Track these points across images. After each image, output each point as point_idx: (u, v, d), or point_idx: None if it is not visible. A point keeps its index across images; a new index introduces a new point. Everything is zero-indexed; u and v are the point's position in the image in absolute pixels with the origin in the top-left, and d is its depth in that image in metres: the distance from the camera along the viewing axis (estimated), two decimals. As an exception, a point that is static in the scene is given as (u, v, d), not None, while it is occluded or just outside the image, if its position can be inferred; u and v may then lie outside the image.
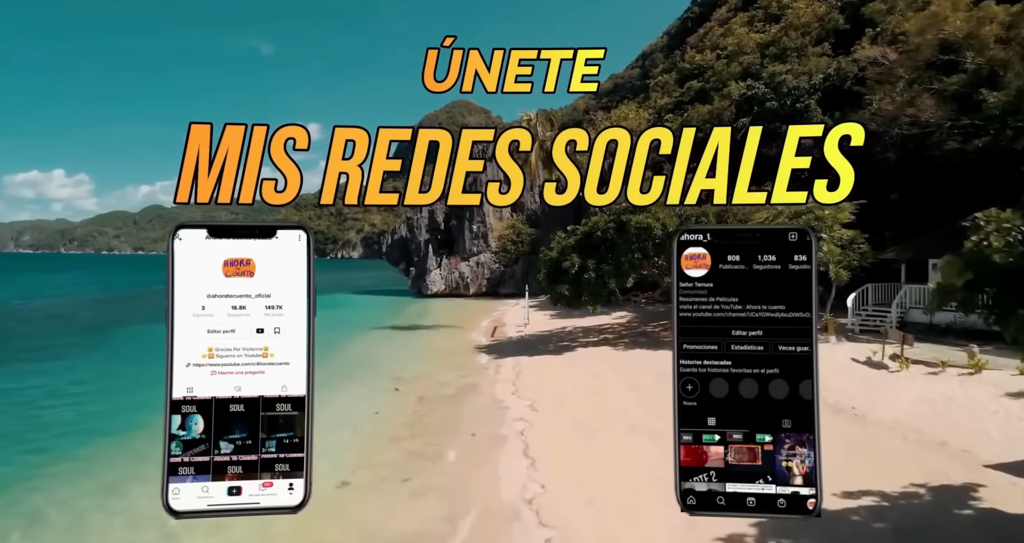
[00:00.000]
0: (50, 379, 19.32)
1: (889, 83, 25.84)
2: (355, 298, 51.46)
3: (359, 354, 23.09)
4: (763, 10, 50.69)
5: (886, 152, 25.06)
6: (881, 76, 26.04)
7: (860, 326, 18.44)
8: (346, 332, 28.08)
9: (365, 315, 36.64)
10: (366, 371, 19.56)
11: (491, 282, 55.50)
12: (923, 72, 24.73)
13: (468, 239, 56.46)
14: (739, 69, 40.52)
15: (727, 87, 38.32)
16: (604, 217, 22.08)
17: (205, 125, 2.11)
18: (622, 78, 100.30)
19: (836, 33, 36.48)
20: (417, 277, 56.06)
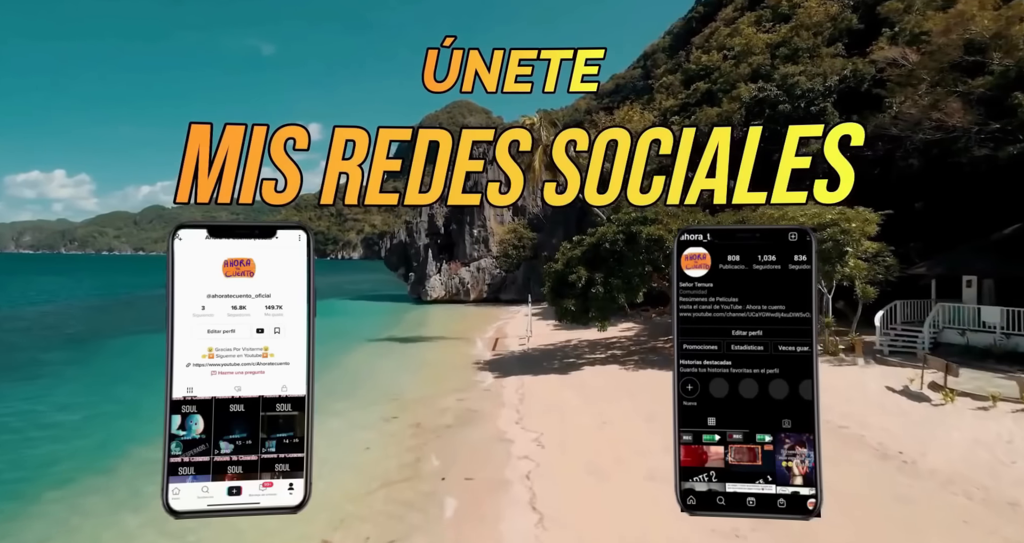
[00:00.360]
0: (29, 404, 18.06)
1: (911, 85, 24.58)
2: (353, 305, 50.25)
3: (354, 370, 21.90)
4: (771, 10, 49.46)
5: (908, 158, 23.82)
6: (902, 78, 24.77)
7: (889, 347, 17.19)
8: (342, 344, 26.89)
9: (362, 324, 35.41)
10: (361, 391, 18.33)
11: (492, 288, 54.26)
12: (947, 74, 23.47)
13: (468, 244, 55.22)
14: (748, 70, 39.27)
15: (736, 89, 37.05)
16: (613, 227, 20.83)
17: (205, 125, 2.11)
18: (624, 78, 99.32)
19: (850, 33, 35.21)
20: (416, 283, 54.81)
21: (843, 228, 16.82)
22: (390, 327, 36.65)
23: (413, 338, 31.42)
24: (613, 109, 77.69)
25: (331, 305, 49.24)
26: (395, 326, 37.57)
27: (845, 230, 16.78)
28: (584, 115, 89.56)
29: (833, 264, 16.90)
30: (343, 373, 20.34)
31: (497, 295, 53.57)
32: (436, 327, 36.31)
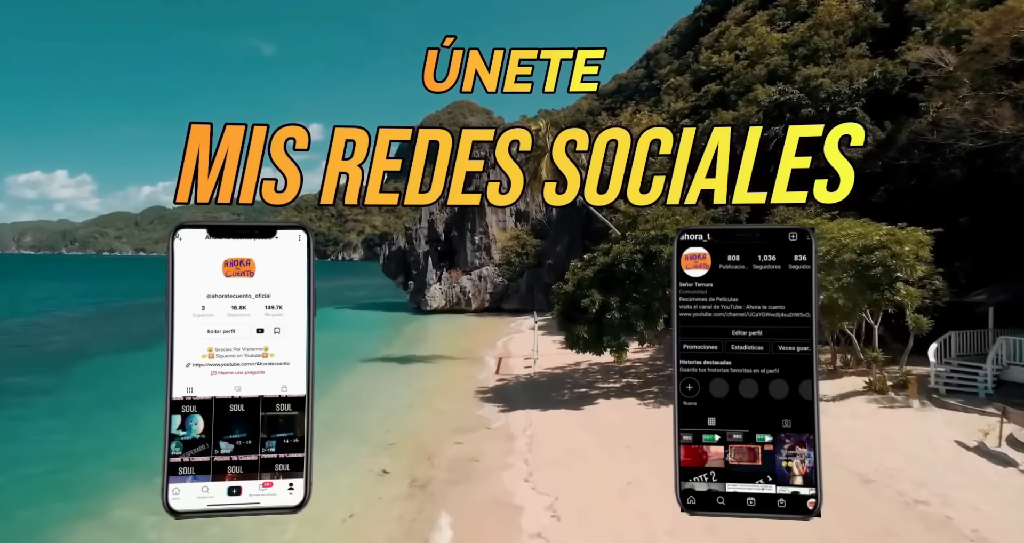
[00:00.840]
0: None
1: (950, 89, 22.62)
2: (350, 316, 48.32)
3: (347, 400, 20.01)
4: (785, 8, 47.50)
5: (950, 168, 21.82)
6: (943, 81, 22.79)
7: (945, 384, 15.23)
8: (336, 365, 25.03)
9: (358, 340, 33.47)
10: (350, 433, 16.38)
11: (494, 297, 52.30)
12: (991, 76, 21.50)
13: (470, 251, 53.27)
14: (765, 72, 37.31)
15: (752, 91, 35.11)
16: (629, 246, 18.89)
17: (205, 125, 2.12)
18: (626, 78, 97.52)
19: (873, 32, 33.22)
20: (416, 291, 52.86)
21: (893, 251, 14.85)
22: (387, 343, 34.75)
23: (411, 358, 29.47)
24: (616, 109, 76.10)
25: (328, 315, 47.27)
26: (393, 341, 35.66)
27: (896, 254, 14.81)
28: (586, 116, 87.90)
29: (881, 291, 14.94)
30: (333, 408, 18.38)
31: (499, 304, 51.64)
32: (436, 343, 34.38)
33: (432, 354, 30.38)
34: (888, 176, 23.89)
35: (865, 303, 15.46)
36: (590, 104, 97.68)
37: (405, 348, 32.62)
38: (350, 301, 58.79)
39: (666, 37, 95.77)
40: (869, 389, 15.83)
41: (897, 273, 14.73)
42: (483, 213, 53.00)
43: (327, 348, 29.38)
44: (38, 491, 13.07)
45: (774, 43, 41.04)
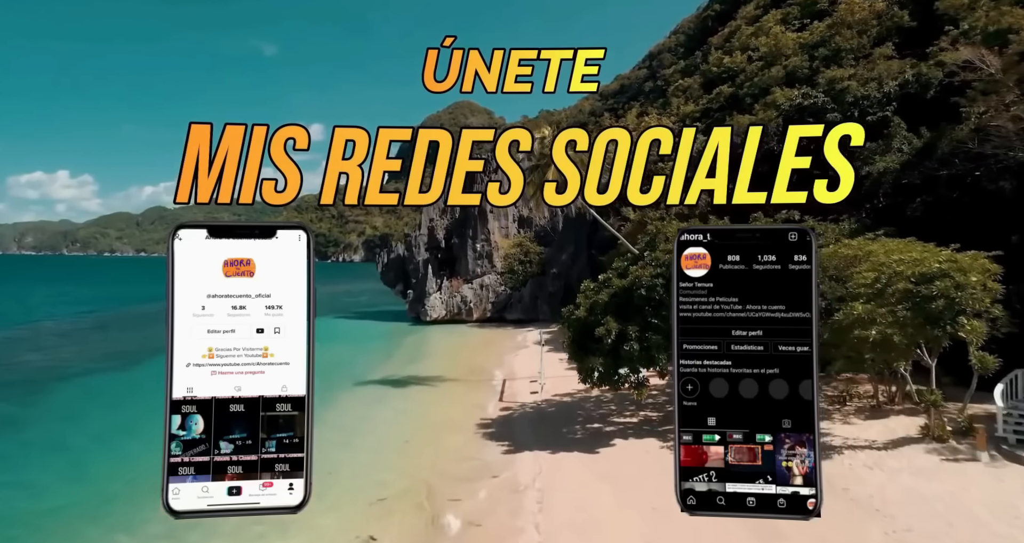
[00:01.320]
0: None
1: (995, 93, 20.73)
2: (347, 325, 46.41)
3: (337, 435, 18.12)
4: (800, 7, 45.56)
5: (998, 180, 19.92)
6: (987, 85, 20.90)
7: (1015, 431, 13.36)
8: (331, 389, 23.28)
9: (354, 356, 31.65)
10: (339, 478, 14.54)
11: (496, 306, 50.43)
12: (1039, 79, 19.65)
13: (471, 259, 51.41)
14: (782, 73, 35.43)
15: (771, 94, 33.22)
16: (650, 269, 17.05)
17: (205, 125, 2.16)
18: (628, 79, 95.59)
19: (900, 31, 31.34)
20: (415, 301, 51.00)
21: (957, 281, 12.97)
22: (384, 360, 32.93)
23: (408, 380, 27.64)
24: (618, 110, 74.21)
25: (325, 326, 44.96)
26: (390, 358, 33.84)
27: (960, 285, 12.93)
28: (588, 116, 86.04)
29: (943, 326, 13.07)
30: (321, 447, 16.22)
31: (502, 314, 49.78)
32: (436, 360, 32.54)
33: (431, 375, 28.52)
34: (927, 187, 22.03)
35: (923, 339, 13.58)
36: (592, 104, 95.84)
37: (402, 366, 30.80)
38: (349, 309, 56.95)
39: (669, 37, 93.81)
40: (926, 435, 13.95)
41: (964, 307, 12.85)
42: (485, 219, 51.19)
43: (323, 366, 27.02)
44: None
45: (790, 43, 39.18)
